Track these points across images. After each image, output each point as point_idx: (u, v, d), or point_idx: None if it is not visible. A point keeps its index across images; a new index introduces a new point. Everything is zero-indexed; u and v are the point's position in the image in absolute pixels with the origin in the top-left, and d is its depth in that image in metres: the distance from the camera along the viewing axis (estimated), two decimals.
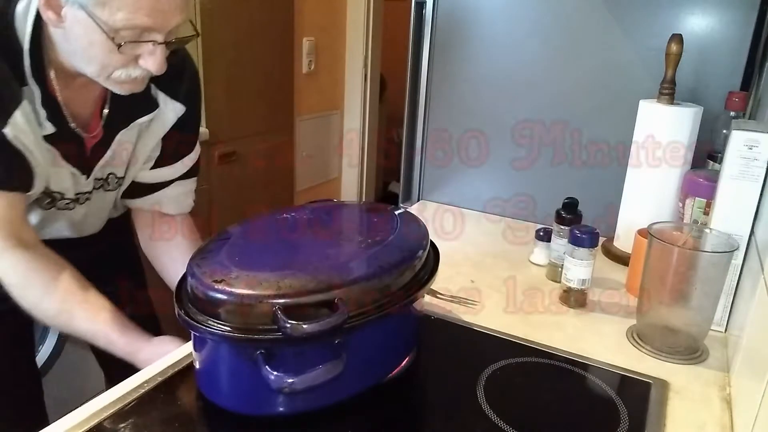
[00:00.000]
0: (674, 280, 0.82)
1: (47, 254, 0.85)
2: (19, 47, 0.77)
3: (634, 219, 1.09)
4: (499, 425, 0.66)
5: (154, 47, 0.75)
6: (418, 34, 1.43)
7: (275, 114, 2.20)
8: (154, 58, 0.76)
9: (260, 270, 0.61)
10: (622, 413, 0.69)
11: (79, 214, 0.97)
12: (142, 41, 0.74)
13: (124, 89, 0.80)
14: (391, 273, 0.66)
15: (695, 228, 0.90)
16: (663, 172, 1.07)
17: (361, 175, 2.82)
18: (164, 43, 0.76)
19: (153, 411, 0.66)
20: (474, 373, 0.75)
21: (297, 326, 0.56)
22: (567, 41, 1.28)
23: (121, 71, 0.77)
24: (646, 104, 1.08)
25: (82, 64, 0.78)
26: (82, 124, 0.87)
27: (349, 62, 2.69)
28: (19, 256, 0.81)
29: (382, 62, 2.79)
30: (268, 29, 2.09)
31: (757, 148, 0.82)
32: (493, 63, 1.36)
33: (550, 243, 1.06)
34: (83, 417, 0.64)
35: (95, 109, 0.89)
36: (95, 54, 0.75)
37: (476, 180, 1.43)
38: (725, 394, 0.76)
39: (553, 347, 0.83)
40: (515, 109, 1.34)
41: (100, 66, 0.76)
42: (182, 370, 0.73)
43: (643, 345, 0.86)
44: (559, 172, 1.31)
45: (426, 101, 1.45)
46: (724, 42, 1.13)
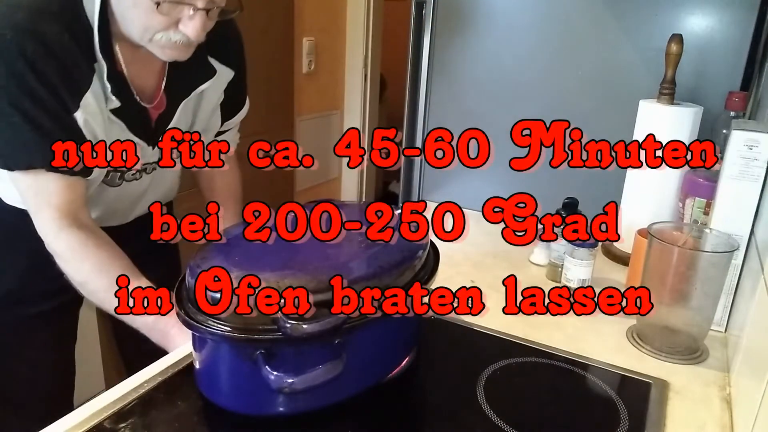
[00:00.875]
0: (674, 280, 0.82)
1: (103, 236, 0.87)
2: (89, 24, 0.80)
3: (634, 219, 1.09)
4: (499, 425, 0.66)
5: (194, 13, 0.78)
6: (418, 34, 1.43)
7: (275, 114, 2.20)
8: (193, 23, 0.78)
9: (260, 270, 0.61)
10: (622, 413, 0.69)
11: (144, 185, 1.00)
12: (182, 2, 0.77)
13: (165, 54, 0.82)
14: (391, 273, 0.66)
15: (695, 228, 0.90)
16: (663, 172, 1.07)
17: (361, 175, 2.82)
18: (205, 10, 0.78)
19: (153, 411, 0.66)
20: (474, 373, 0.75)
21: (297, 326, 0.56)
22: (567, 41, 1.28)
23: (162, 34, 0.79)
24: (646, 104, 1.08)
25: (129, 28, 0.80)
26: (146, 97, 0.90)
27: (349, 62, 2.69)
28: (76, 234, 0.83)
29: (382, 62, 2.79)
30: (268, 29, 2.09)
31: (757, 148, 0.82)
32: (493, 63, 1.36)
33: (550, 243, 1.06)
34: (83, 417, 0.64)
35: (157, 82, 0.92)
36: (137, 15, 0.78)
37: (476, 180, 1.43)
38: (725, 394, 0.76)
39: (553, 347, 0.83)
40: (515, 108, 1.34)
41: (143, 28, 0.79)
42: (182, 370, 0.73)
43: (643, 345, 0.86)
44: (559, 172, 1.31)
45: (426, 101, 1.46)
46: (724, 42, 1.13)
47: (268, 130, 2.14)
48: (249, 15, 1.16)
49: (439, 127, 1.44)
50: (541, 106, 1.32)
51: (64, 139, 0.80)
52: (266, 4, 2.05)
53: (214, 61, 0.96)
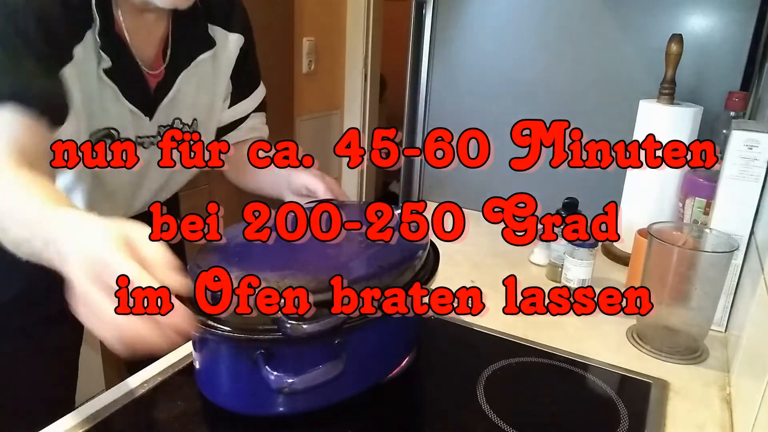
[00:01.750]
0: (674, 280, 0.82)
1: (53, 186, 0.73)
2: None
3: (634, 219, 1.09)
4: (499, 425, 0.66)
5: None
6: (418, 34, 1.43)
7: (275, 114, 2.20)
8: None
9: (260, 270, 0.61)
10: (622, 413, 0.69)
11: (138, 169, 0.94)
12: None
13: (166, 2, 0.80)
14: (391, 273, 0.66)
15: (695, 228, 0.90)
16: (663, 172, 1.07)
17: (361, 175, 2.82)
18: None
19: (153, 411, 0.66)
20: (474, 373, 0.76)
21: (297, 326, 0.56)
22: (567, 41, 1.28)
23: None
24: (646, 104, 1.08)
25: None
26: (146, 63, 0.88)
27: (349, 62, 2.69)
28: (17, 175, 0.66)
29: (382, 62, 2.79)
30: (268, 29, 2.09)
31: (757, 148, 0.82)
32: (493, 63, 1.36)
33: (550, 243, 1.06)
34: (83, 417, 0.64)
35: (158, 50, 0.90)
36: None
37: (476, 180, 1.43)
38: (725, 394, 0.76)
39: (553, 347, 0.83)
40: (515, 109, 1.34)
41: None
42: (182, 370, 0.73)
43: (643, 345, 0.86)
44: (559, 172, 1.31)
45: (426, 101, 1.46)
46: (724, 42, 1.13)
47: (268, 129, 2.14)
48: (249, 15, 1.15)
49: (439, 127, 1.44)
50: (541, 106, 1.32)
51: (42, 85, 0.73)
52: (266, 4, 2.05)
53: (219, 30, 0.95)
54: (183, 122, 0.97)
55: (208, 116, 1.00)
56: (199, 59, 0.93)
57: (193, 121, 0.98)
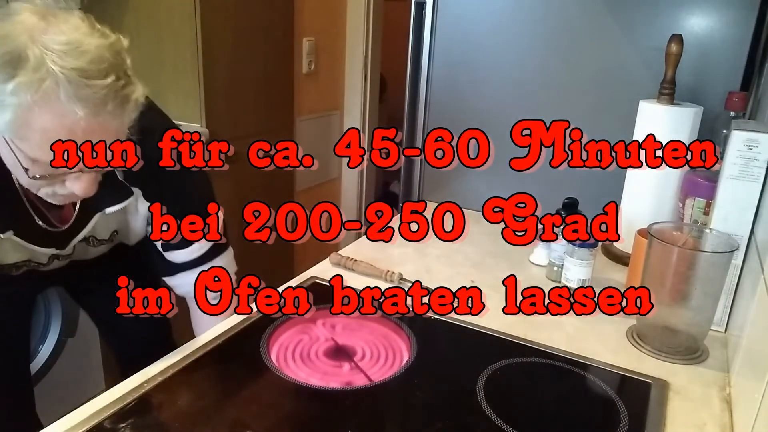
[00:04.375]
0: (674, 280, 0.82)
1: None
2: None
3: (634, 219, 1.09)
4: (499, 425, 0.66)
5: (80, 173, 0.73)
6: (418, 34, 1.43)
7: (275, 114, 2.20)
8: (79, 183, 0.74)
9: None
10: (622, 413, 0.69)
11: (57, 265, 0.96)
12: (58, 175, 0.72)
13: (57, 200, 0.79)
14: None
15: (695, 228, 0.90)
16: (663, 172, 1.07)
17: (361, 175, 2.82)
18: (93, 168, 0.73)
19: (153, 411, 0.66)
20: (474, 373, 0.75)
21: None
22: (567, 41, 1.28)
23: (48, 189, 0.75)
24: (646, 104, 1.08)
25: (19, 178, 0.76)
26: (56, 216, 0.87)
27: (349, 62, 2.69)
28: None
29: (382, 62, 2.79)
30: (268, 29, 2.09)
31: (757, 148, 0.82)
32: (493, 63, 1.36)
33: (550, 243, 1.06)
34: (83, 417, 0.64)
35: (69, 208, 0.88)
36: (19, 174, 0.73)
37: (476, 180, 1.43)
38: (725, 394, 0.76)
39: (553, 347, 0.83)
40: (515, 109, 1.34)
41: (27, 184, 0.75)
42: (182, 370, 0.73)
43: (643, 345, 0.85)
44: (559, 172, 1.31)
45: (426, 101, 1.45)
46: (724, 42, 1.13)
47: (268, 130, 2.14)
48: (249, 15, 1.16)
49: (439, 127, 1.44)
50: (541, 106, 1.32)
51: None
52: (266, 4, 2.05)
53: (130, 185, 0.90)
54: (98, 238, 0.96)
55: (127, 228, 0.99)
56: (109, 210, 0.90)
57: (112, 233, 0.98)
